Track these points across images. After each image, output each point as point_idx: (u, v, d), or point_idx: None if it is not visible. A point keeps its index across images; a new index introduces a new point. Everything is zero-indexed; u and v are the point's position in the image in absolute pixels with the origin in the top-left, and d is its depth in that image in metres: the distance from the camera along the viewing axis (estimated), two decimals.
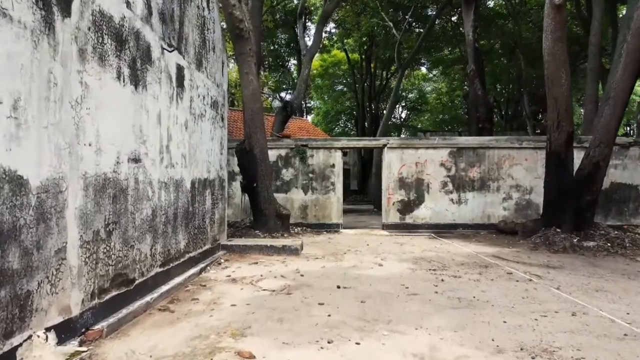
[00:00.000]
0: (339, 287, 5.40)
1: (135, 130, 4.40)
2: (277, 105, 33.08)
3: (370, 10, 22.37)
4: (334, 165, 11.96)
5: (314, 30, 19.11)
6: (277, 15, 24.98)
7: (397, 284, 5.63)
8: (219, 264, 6.96)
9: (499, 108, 30.15)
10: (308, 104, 40.83)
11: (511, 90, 28.35)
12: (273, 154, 11.51)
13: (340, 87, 35.45)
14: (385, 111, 26.38)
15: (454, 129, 34.91)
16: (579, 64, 22.16)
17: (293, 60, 32.42)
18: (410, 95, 37.39)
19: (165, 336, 3.69)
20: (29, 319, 2.89)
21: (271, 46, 29.63)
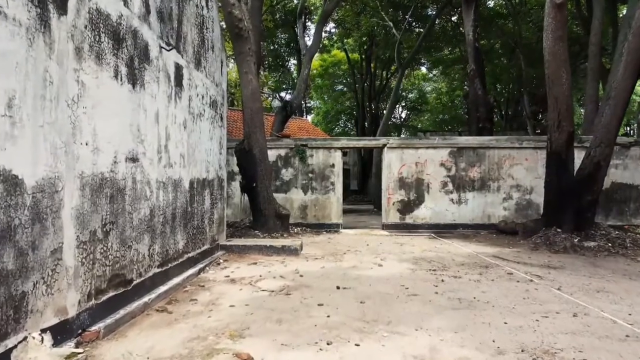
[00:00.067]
0: (338, 288, 5.36)
1: (133, 130, 4.36)
2: (277, 105, 33.11)
3: (370, 10, 22.33)
4: (333, 165, 11.93)
5: (314, 30, 19.07)
6: (277, 15, 24.96)
7: (397, 284, 5.60)
8: (218, 264, 6.92)
9: (499, 108, 30.11)
10: (308, 104, 40.83)
11: (511, 90, 28.32)
12: (273, 154, 11.47)
13: (340, 87, 35.43)
14: (385, 111, 26.34)
15: (454, 128, 34.88)
16: (579, 63, 22.13)
17: (293, 60, 32.43)
18: (410, 95, 37.37)
19: (162, 337, 3.65)
20: (24, 321, 2.86)
21: (271, 46, 29.61)
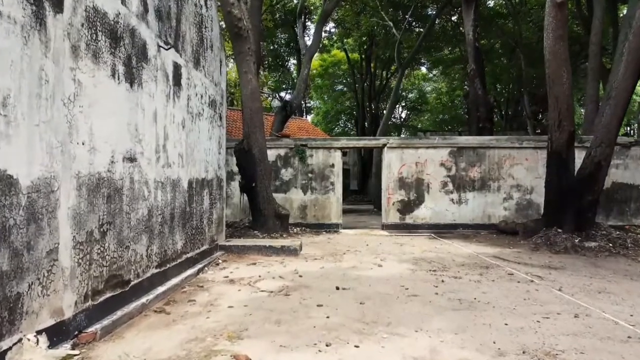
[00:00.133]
0: (338, 288, 5.33)
1: (131, 129, 4.33)
2: (277, 104, 33.07)
3: (370, 10, 22.29)
4: (333, 165, 11.89)
5: (314, 29, 19.05)
6: (277, 15, 24.92)
7: (397, 285, 5.56)
8: (217, 264, 6.88)
9: (499, 108, 30.08)
10: (308, 104, 40.79)
11: (511, 90, 28.29)
12: (272, 154, 11.44)
13: (340, 87, 35.39)
14: (385, 111, 26.31)
15: (454, 128, 34.86)
16: (579, 63, 22.10)
17: (293, 60, 32.40)
18: (410, 95, 37.33)
19: (160, 338, 3.62)
20: (19, 322, 2.82)
21: (271, 46, 29.57)
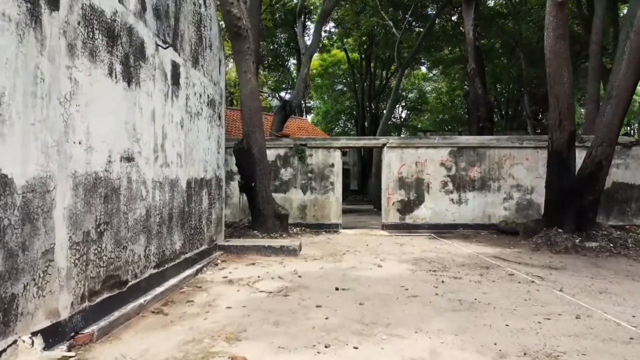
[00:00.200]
0: (337, 289, 5.29)
1: (128, 128, 4.29)
2: (276, 104, 33.01)
3: (369, 9, 22.25)
4: (333, 165, 11.86)
5: (313, 29, 19.00)
6: (277, 14, 24.88)
7: (397, 285, 5.52)
8: (216, 264, 6.85)
9: (499, 108, 30.04)
10: (308, 104, 40.75)
11: (511, 89, 28.25)
12: (272, 154, 11.40)
13: (340, 87, 35.35)
14: (385, 111, 26.26)
15: (454, 128, 34.82)
16: (580, 63, 22.06)
17: (292, 60, 32.36)
18: (410, 95, 37.29)
19: (158, 340, 3.58)
20: (14, 323, 2.78)
21: (270, 45, 29.53)
